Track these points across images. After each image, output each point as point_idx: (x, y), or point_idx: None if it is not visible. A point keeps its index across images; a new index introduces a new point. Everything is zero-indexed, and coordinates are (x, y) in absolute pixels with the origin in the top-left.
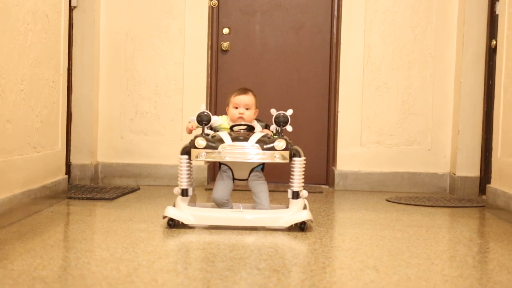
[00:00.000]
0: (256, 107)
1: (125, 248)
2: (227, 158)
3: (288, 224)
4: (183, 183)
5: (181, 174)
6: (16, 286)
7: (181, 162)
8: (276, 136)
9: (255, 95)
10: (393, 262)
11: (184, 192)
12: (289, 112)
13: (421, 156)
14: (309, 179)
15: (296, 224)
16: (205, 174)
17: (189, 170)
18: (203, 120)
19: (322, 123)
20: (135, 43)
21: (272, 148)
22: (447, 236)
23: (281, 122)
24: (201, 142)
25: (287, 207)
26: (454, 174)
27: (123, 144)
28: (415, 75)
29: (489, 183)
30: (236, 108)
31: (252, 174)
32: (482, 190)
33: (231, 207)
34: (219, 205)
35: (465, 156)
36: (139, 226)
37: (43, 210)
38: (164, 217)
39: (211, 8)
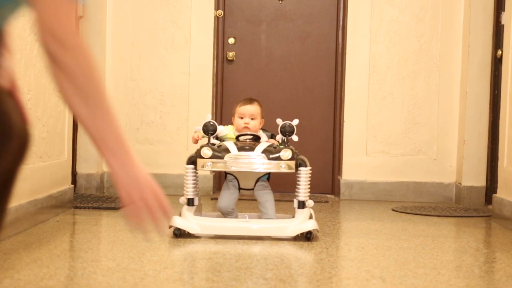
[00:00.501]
0: (262, 117)
1: (131, 258)
2: (233, 168)
3: (294, 234)
4: (189, 192)
5: (187, 184)
6: None
7: (187, 172)
8: (282, 146)
9: (260, 105)
10: (399, 272)
11: (190, 202)
12: (295, 122)
13: (427, 166)
14: (315, 189)
15: (302, 234)
16: (210, 183)
17: (195, 179)
18: (209, 130)
19: (327, 132)
20: (141, 53)
21: (278, 158)
22: (453, 246)
23: (287, 132)
24: (207, 151)
25: (293, 217)
26: (460, 183)
27: None
28: (420, 84)
29: (495, 192)
30: (242, 118)
31: (258, 183)
32: (488, 200)
33: (236, 216)
34: (225, 214)
35: (471, 165)
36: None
37: (49, 219)
38: (170, 226)
39: (217, 18)
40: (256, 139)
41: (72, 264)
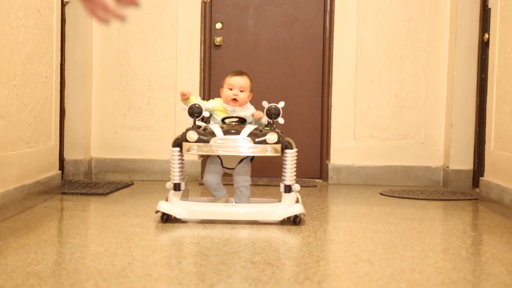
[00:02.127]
0: (251, 91)
1: (119, 242)
2: (219, 152)
3: (280, 218)
4: (176, 177)
5: (173, 168)
6: (10, 281)
7: (173, 155)
8: (268, 129)
9: (250, 79)
10: (387, 255)
11: (176, 187)
12: (281, 104)
13: (414, 150)
14: (303, 173)
15: (289, 218)
16: (199, 168)
17: (181, 164)
18: (194, 112)
19: (315, 117)
20: (127, 39)
21: (264, 142)
22: (441, 229)
23: (272, 114)
24: (192, 135)
25: (279, 201)
26: (448, 167)
27: (116, 140)
28: (408, 69)
29: (482, 176)
30: (231, 89)
31: (240, 164)
32: (475, 183)
33: (225, 193)
34: (212, 190)
35: (458, 149)
36: (133, 221)
37: (37, 205)
38: (157, 211)
39: (204, 3)
40: (242, 121)
41: (59, 250)
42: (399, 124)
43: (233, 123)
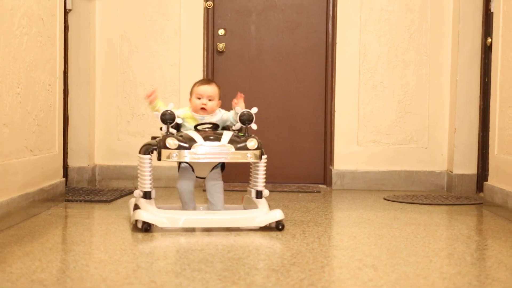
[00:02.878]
0: (220, 98)
1: (124, 250)
2: (200, 159)
3: (263, 224)
4: (146, 185)
5: (144, 176)
6: None
7: (143, 163)
8: (242, 134)
9: (218, 86)
10: (391, 260)
11: (147, 195)
12: (254, 110)
13: (418, 155)
14: (306, 179)
15: (270, 224)
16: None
17: (151, 171)
18: (167, 118)
19: (318, 122)
20: (130, 45)
21: (245, 148)
22: (445, 234)
23: (246, 120)
24: (172, 142)
25: (243, 208)
26: (451, 172)
27: (120, 146)
28: (411, 73)
29: (486, 180)
30: (199, 98)
31: (212, 172)
32: (480, 187)
33: (194, 206)
34: (185, 198)
35: (462, 154)
36: (137, 228)
37: (41, 213)
38: (136, 221)
39: (206, 9)
40: (215, 127)
41: (64, 257)
42: (402, 129)
43: (206, 129)
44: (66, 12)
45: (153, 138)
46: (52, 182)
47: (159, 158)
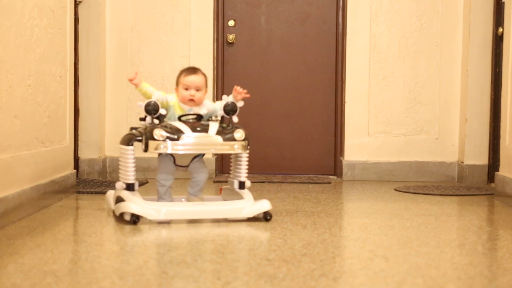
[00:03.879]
0: (206, 86)
1: (135, 241)
2: (189, 151)
3: (251, 215)
4: (130, 177)
5: (127, 167)
6: (27, 280)
7: (126, 154)
8: (226, 126)
9: (204, 75)
10: (402, 251)
11: (130, 187)
12: (240, 103)
13: (429, 145)
14: (317, 170)
15: (258, 215)
16: (213, 166)
17: (134, 162)
18: (151, 109)
19: (329, 113)
20: (140, 37)
21: (232, 139)
22: (456, 224)
23: (230, 111)
24: (161, 133)
25: (222, 199)
26: (462, 162)
27: None
28: (421, 64)
29: (498, 170)
30: (187, 89)
31: (194, 161)
32: (491, 178)
33: (171, 200)
34: (162, 193)
35: (473, 144)
36: (148, 219)
37: (52, 204)
38: (122, 213)
39: (216, 1)
40: (199, 118)
41: (76, 248)
42: (413, 119)
43: (190, 120)
44: (76, 3)
45: (132, 129)
46: (63, 174)
47: (145, 150)
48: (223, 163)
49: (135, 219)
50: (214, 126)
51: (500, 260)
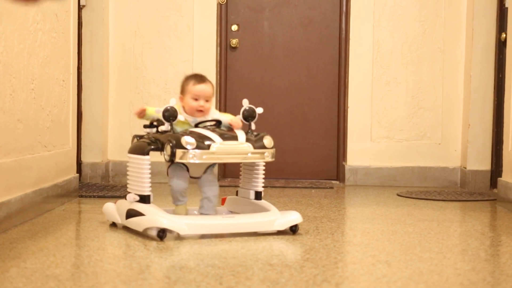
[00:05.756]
0: (213, 95)
1: (137, 245)
2: (221, 160)
3: (283, 227)
4: (146, 188)
5: (142, 178)
6: (30, 284)
7: (142, 164)
8: (257, 133)
9: (211, 83)
10: (405, 256)
11: (146, 199)
12: (259, 110)
13: (432, 151)
14: (319, 175)
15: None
16: (215, 170)
17: (150, 173)
18: (171, 115)
19: (331, 118)
20: (143, 41)
21: (263, 146)
22: (459, 230)
23: (248, 116)
24: (190, 140)
25: (228, 210)
26: (465, 168)
27: None
28: (424, 69)
29: (500, 176)
30: (196, 100)
31: (206, 173)
32: (493, 183)
33: (187, 199)
34: (180, 193)
35: (475, 149)
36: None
37: (55, 208)
38: (147, 228)
39: (220, 5)
40: (218, 124)
41: (78, 253)
42: (416, 124)
43: (209, 127)
44: (80, 8)
45: (137, 136)
46: (65, 178)
47: (170, 159)
48: (226, 167)
49: (161, 234)
50: (242, 133)
51: (502, 266)
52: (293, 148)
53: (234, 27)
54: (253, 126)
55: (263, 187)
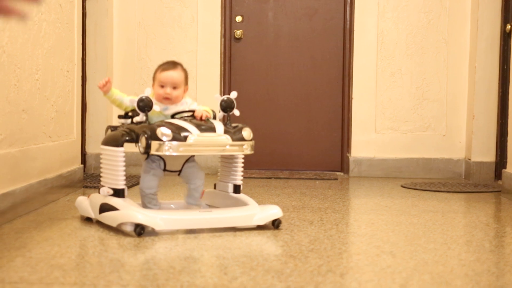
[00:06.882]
0: (186, 84)
1: (142, 235)
2: (198, 152)
3: (262, 222)
4: (120, 182)
5: (116, 171)
6: (35, 274)
7: (116, 156)
8: (235, 125)
9: (185, 70)
10: (409, 247)
11: (120, 193)
12: (233, 94)
13: (436, 142)
14: (324, 166)
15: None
16: None
17: (125, 165)
18: (146, 105)
19: (336, 109)
20: (148, 32)
21: (241, 138)
22: (463, 221)
23: (227, 107)
24: (166, 131)
25: (206, 204)
26: (470, 159)
27: None
28: (429, 60)
29: (505, 168)
30: (162, 87)
31: (188, 164)
32: (498, 175)
33: (159, 207)
34: (148, 198)
35: (480, 141)
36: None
37: (60, 199)
38: (120, 224)
39: None
40: (193, 115)
41: (83, 243)
42: (420, 116)
43: (186, 118)
44: None
45: (111, 127)
46: (70, 168)
47: (145, 151)
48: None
49: (141, 231)
50: (220, 125)
51: (507, 257)
52: (297, 139)
53: (239, 18)
54: (236, 113)
55: (241, 180)
